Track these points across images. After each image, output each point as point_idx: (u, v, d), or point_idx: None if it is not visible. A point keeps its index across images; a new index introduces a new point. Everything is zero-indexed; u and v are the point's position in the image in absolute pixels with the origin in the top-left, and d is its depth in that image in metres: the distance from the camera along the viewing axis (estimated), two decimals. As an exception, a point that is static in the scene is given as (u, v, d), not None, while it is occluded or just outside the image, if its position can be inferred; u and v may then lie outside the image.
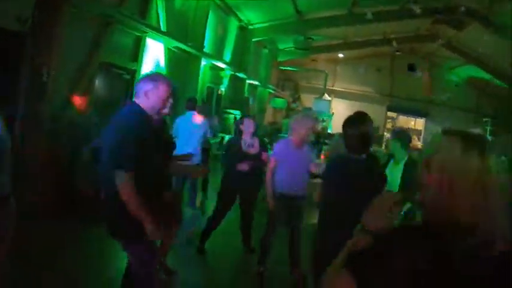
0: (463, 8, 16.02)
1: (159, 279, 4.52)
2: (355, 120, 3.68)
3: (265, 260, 6.21)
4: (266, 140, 10.53)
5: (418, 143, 25.42)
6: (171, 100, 3.82)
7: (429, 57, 27.54)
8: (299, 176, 6.00)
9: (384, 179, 3.59)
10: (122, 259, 4.64)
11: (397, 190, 5.60)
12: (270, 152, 6.88)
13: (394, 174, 5.79)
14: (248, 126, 6.86)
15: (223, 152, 7.96)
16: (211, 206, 7.52)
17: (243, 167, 6.59)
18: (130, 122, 3.53)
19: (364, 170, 3.29)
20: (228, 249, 7.41)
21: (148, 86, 3.64)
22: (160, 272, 5.36)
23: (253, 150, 6.83)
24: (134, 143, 3.39)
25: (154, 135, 3.69)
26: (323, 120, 19.18)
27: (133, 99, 3.70)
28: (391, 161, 6.06)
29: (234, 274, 6.70)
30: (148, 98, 3.63)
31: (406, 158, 5.93)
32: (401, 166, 5.87)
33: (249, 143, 6.85)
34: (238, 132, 7.04)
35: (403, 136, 6.13)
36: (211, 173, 10.31)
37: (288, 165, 5.94)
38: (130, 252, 3.91)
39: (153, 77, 3.78)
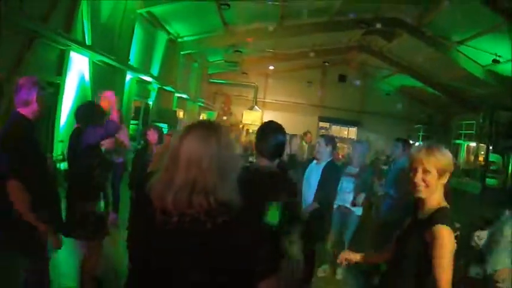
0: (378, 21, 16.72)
1: None
2: (265, 130, 3.72)
3: None
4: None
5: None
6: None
7: (360, 67, 28.39)
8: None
9: (292, 190, 3.59)
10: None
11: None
12: None
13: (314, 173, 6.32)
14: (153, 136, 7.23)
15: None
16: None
17: None
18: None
19: (270, 180, 3.31)
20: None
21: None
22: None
23: None
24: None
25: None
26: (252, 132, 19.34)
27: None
28: (313, 162, 6.51)
29: None
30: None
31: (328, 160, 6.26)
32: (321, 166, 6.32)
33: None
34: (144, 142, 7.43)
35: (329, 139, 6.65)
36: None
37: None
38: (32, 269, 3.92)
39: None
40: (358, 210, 7.52)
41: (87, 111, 4.33)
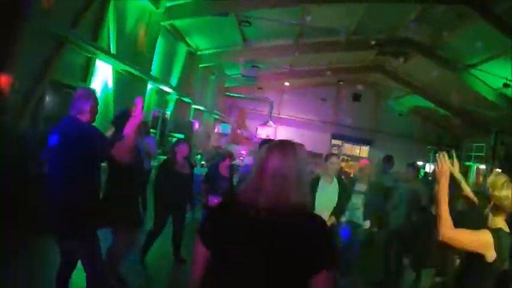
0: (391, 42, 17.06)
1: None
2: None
3: None
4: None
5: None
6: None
7: (374, 87, 28.62)
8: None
9: None
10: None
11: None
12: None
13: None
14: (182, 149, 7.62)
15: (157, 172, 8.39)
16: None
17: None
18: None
19: None
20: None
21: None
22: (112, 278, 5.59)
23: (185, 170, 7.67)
24: None
25: None
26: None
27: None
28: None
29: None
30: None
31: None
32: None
33: (181, 163, 7.60)
34: (172, 154, 7.67)
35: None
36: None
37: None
38: (84, 252, 4.26)
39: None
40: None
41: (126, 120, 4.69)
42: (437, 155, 3.50)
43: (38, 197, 6.94)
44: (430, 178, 14.53)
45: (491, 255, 3.30)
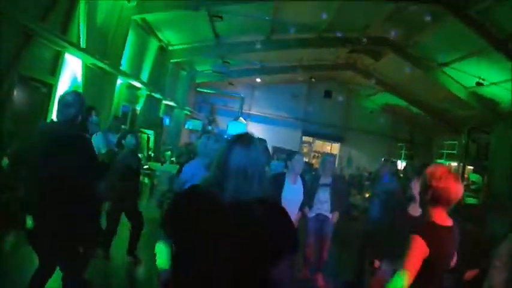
0: (364, 40, 17.08)
1: None
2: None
3: None
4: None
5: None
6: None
7: (346, 85, 28.84)
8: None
9: None
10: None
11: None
12: None
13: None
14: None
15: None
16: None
17: None
18: None
19: None
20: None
21: None
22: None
23: None
24: None
25: None
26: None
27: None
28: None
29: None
30: None
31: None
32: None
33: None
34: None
35: None
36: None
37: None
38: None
39: None
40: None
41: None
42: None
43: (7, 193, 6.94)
44: (401, 175, 14.69)
45: (429, 252, 3.20)
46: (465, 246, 3.65)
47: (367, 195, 11.88)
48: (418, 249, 3.19)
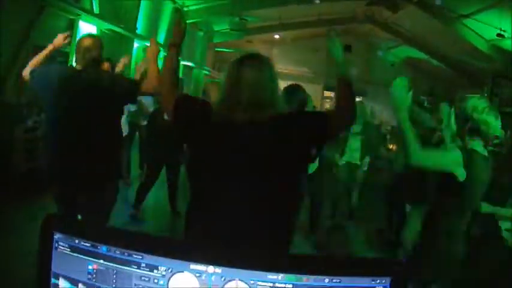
0: None
1: None
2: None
3: None
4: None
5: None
6: None
7: (365, 38, 28.30)
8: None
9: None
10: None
11: None
12: None
13: None
14: None
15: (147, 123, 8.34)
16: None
17: None
18: None
19: None
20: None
21: None
22: None
23: None
24: None
25: None
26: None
27: None
28: None
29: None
30: None
31: None
32: None
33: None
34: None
35: None
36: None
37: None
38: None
39: None
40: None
41: None
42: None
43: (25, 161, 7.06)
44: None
45: (461, 173, 3.20)
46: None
47: (391, 146, 11.90)
48: (452, 156, 3.28)
